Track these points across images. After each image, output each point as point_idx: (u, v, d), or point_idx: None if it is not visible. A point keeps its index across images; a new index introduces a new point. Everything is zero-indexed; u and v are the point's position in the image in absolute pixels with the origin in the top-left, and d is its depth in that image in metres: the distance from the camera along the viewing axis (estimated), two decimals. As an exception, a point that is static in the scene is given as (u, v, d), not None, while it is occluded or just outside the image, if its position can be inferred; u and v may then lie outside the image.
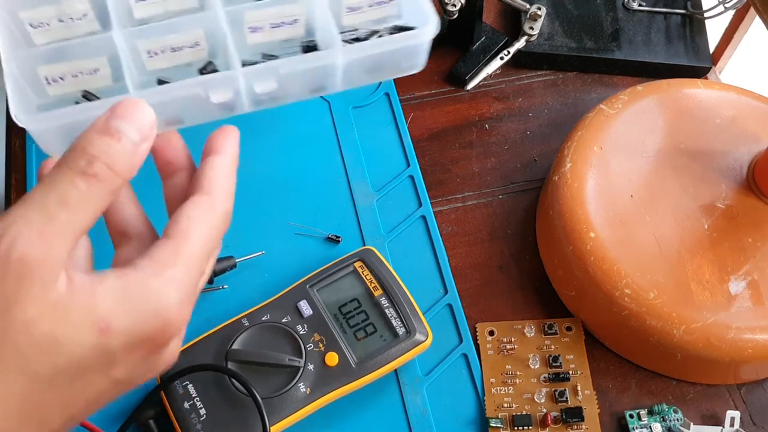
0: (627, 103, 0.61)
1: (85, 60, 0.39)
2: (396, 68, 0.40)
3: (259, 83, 0.38)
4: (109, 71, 0.39)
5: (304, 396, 0.52)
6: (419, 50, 0.39)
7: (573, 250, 0.56)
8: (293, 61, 0.37)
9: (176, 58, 0.40)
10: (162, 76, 0.40)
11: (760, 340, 0.52)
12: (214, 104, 0.38)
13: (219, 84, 0.37)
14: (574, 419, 0.54)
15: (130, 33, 0.38)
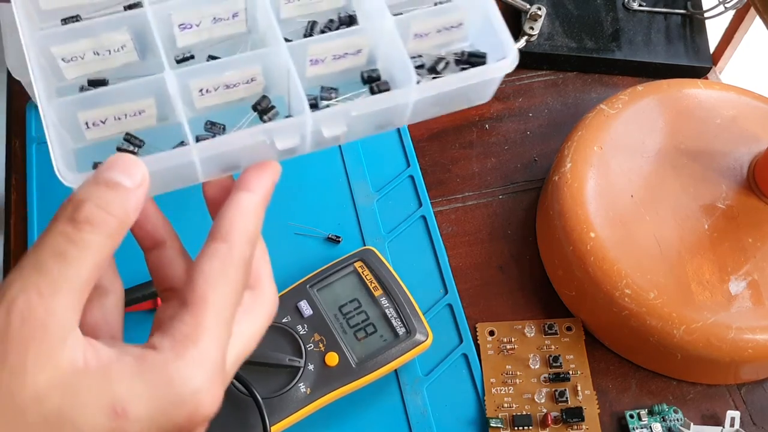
0: (627, 103, 0.61)
1: (130, 102, 0.36)
2: (465, 101, 0.38)
3: (328, 127, 0.35)
4: (155, 112, 0.37)
5: (304, 396, 0.52)
6: (493, 83, 0.37)
7: (573, 250, 0.56)
8: (366, 103, 0.35)
9: (229, 95, 0.37)
10: (212, 113, 0.37)
11: (760, 340, 0.52)
12: (276, 150, 0.35)
13: (286, 130, 0.34)
14: (575, 419, 0.54)
15: (183, 73, 0.36)
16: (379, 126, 0.37)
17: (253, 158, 0.35)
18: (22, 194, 0.63)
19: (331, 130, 0.36)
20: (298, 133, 0.35)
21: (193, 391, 0.29)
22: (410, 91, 0.35)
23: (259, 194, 0.34)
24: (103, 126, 0.36)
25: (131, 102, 0.36)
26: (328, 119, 0.35)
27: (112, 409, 0.28)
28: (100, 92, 0.35)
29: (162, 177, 0.34)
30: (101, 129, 0.36)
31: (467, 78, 0.35)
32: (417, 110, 0.37)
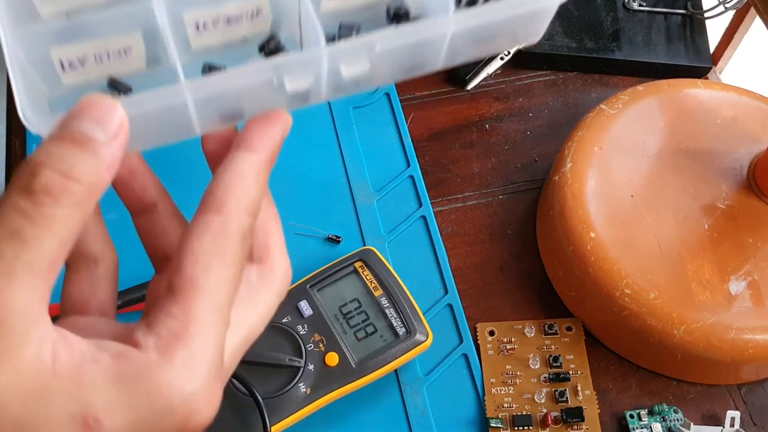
0: (627, 103, 0.61)
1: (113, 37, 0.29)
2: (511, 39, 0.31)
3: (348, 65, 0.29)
4: (143, 52, 0.30)
5: (304, 396, 0.52)
6: (546, 15, 0.30)
7: (573, 250, 0.56)
8: (393, 35, 0.28)
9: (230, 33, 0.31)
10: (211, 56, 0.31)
11: (760, 340, 0.52)
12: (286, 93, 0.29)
13: (297, 68, 0.28)
14: (575, 419, 0.54)
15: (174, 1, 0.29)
16: (408, 68, 0.31)
17: (258, 104, 0.29)
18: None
19: (351, 69, 0.29)
20: (312, 71, 0.29)
21: (185, 397, 0.25)
22: (447, 20, 0.29)
23: (263, 154, 0.28)
24: (83, 69, 0.30)
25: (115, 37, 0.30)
26: (348, 55, 0.29)
27: (83, 420, 0.23)
28: (79, 23, 0.29)
29: (149, 127, 0.28)
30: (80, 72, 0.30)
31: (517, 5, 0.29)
32: (455, 48, 0.30)
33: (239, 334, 0.28)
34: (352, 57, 0.29)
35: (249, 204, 0.27)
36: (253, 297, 0.29)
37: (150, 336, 0.25)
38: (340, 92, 0.30)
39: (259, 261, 0.30)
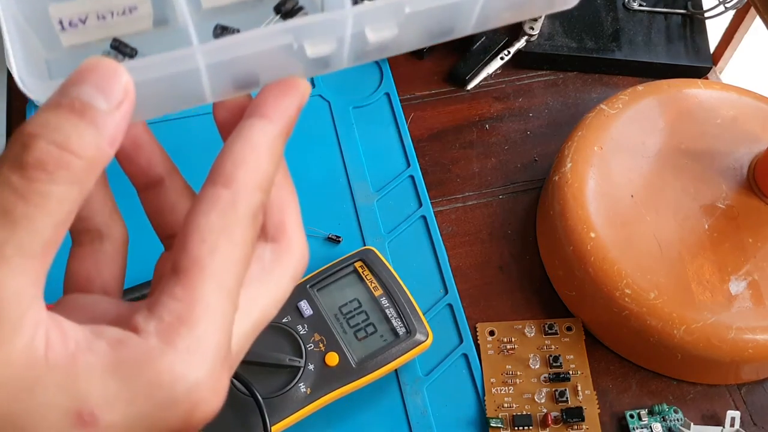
0: (627, 103, 0.61)
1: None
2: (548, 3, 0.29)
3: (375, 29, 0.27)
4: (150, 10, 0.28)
5: (304, 396, 0.52)
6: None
7: (573, 250, 0.56)
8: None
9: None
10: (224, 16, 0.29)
11: (760, 340, 0.52)
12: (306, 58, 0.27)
13: (319, 31, 0.26)
14: (575, 419, 0.54)
15: None
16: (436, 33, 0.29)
17: (275, 71, 0.27)
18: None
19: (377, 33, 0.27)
20: (335, 35, 0.27)
21: (189, 388, 0.23)
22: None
23: (278, 123, 0.26)
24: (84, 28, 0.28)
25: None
26: (375, 17, 0.27)
27: (78, 415, 0.22)
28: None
29: (157, 94, 0.26)
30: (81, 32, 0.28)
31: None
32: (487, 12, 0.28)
33: (250, 317, 0.26)
34: (379, 20, 0.27)
35: (261, 178, 0.25)
36: (266, 278, 0.27)
37: (151, 320, 0.23)
38: (363, 58, 0.28)
39: (273, 239, 0.28)
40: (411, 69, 0.71)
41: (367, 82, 0.70)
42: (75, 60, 0.25)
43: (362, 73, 0.70)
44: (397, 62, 0.71)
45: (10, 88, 0.69)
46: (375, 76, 0.70)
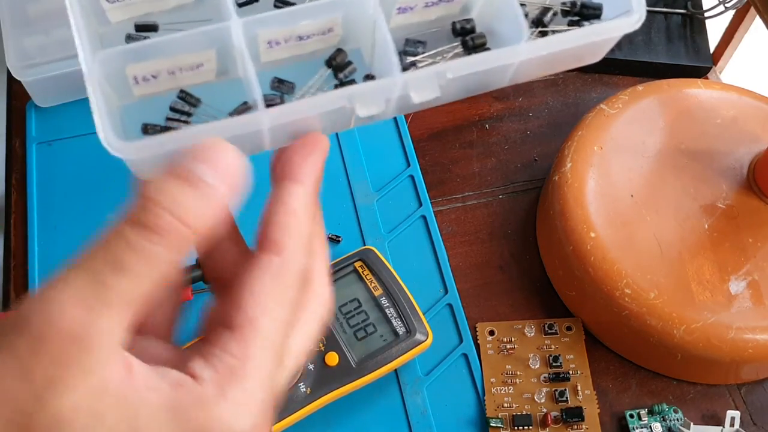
0: (627, 103, 0.61)
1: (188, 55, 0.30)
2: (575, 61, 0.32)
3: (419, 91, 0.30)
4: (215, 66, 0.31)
5: (304, 396, 0.52)
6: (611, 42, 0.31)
7: (573, 250, 0.56)
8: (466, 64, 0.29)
9: (300, 48, 0.32)
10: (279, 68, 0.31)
11: (760, 340, 0.52)
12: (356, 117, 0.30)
13: (371, 95, 0.29)
14: (575, 419, 0.54)
15: (252, 22, 0.30)
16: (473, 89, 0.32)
17: (327, 125, 0.30)
18: (22, 194, 0.63)
19: (422, 95, 0.30)
20: (384, 97, 0.29)
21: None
22: (519, 49, 0.29)
23: (309, 185, 0.29)
24: (154, 81, 0.31)
25: (189, 54, 0.30)
26: (421, 82, 0.29)
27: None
28: (155, 43, 0.30)
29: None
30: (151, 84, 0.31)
31: (586, 36, 0.29)
32: (520, 71, 0.31)
33: (287, 369, 0.29)
34: (424, 84, 0.29)
35: (304, 240, 0.28)
36: (297, 326, 0.29)
37: (207, 369, 0.26)
38: (404, 111, 0.31)
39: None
40: (411, 69, 0.71)
41: (367, 82, 0.70)
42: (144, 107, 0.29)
43: (362, 73, 0.70)
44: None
45: (11, 88, 0.69)
46: (375, 76, 0.70)
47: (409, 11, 0.32)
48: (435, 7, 0.32)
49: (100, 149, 0.46)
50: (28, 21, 0.62)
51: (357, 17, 0.31)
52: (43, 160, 0.64)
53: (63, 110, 0.66)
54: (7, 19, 0.62)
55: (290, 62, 0.32)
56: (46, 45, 0.62)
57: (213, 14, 0.30)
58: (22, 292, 0.59)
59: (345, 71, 0.31)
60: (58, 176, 0.64)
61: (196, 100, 0.31)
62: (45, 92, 0.64)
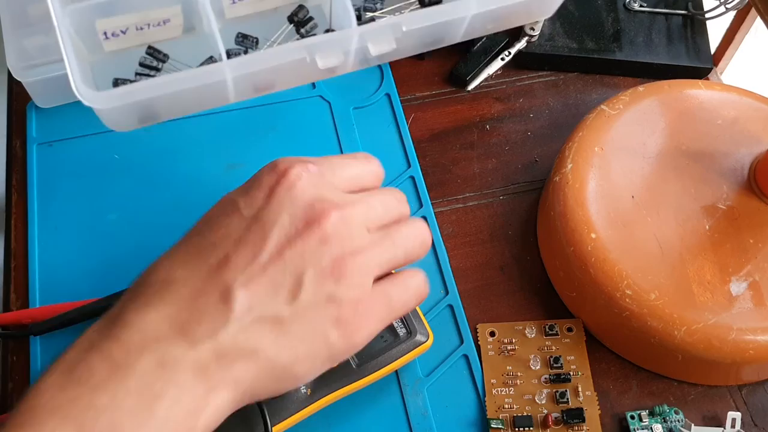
0: (628, 104, 0.61)
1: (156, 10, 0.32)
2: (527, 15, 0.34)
3: (376, 44, 0.31)
4: (181, 21, 0.33)
5: (304, 397, 0.52)
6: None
7: (574, 251, 0.56)
8: (419, 16, 0.31)
9: (262, 4, 0.33)
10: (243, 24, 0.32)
11: (761, 341, 0.52)
12: (317, 68, 0.31)
13: (329, 47, 0.30)
14: (575, 420, 0.54)
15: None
16: (429, 43, 0.33)
17: (289, 78, 0.31)
18: (22, 194, 0.63)
19: (378, 47, 0.32)
20: (342, 49, 0.31)
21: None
22: (470, 3, 0.31)
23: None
24: (123, 36, 0.32)
25: (156, 9, 0.32)
26: (377, 35, 0.31)
27: None
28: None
29: (191, 96, 0.31)
30: (121, 40, 0.32)
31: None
32: (473, 25, 0.33)
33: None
34: (380, 36, 0.31)
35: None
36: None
37: None
38: (365, 65, 0.32)
39: None
40: (411, 70, 0.71)
41: (367, 83, 0.70)
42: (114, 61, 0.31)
43: (363, 74, 0.70)
44: (398, 63, 0.71)
45: (11, 88, 0.69)
46: (375, 77, 0.70)
47: None
48: None
49: (100, 150, 0.47)
50: (28, 21, 0.62)
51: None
52: (44, 161, 0.64)
53: (63, 111, 0.66)
54: (8, 19, 0.62)
55: (254, 18, 0.33)
56: (47, 45, 0.62)
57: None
58: (22, 293, 0.59)
59: (306, 26, 0.33)
60: (59, 177, 0.64)
61: (164, 56, 0.32)
62: (45, 93, 0.64)
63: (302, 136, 0.67)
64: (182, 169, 0.64)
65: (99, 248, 0.61)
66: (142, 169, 0.63)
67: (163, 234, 0.63)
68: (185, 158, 0.64)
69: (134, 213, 0.62)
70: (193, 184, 0.63)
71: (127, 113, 0.29)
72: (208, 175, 0.64)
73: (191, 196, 0.63)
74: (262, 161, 0.66)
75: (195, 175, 0.64)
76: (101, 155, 0.64)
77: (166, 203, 0.63)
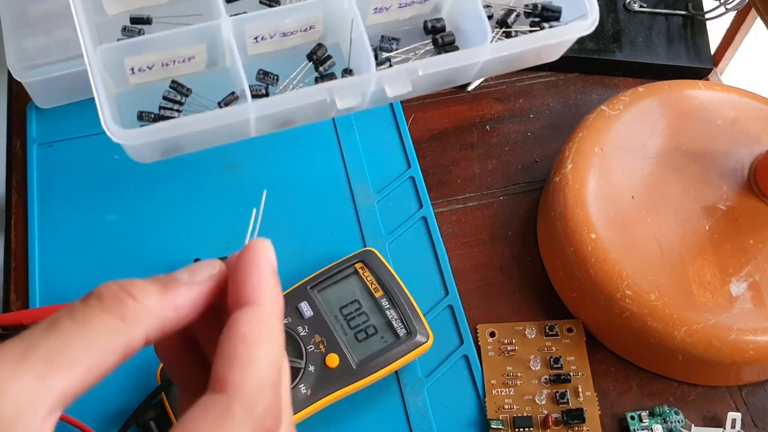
0: (628, 104, 0.61)
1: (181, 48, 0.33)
2: (534, 60, 0.35)
3: (393, 86, 0.33)
4: (205, 57, 0.34)
5: (304, 397, 0.52)
6: (568, 43, 0.34)
7: (574, 251, 0.55)
8: (435, 62, 0.32)
9: (284, 43, 0.35)
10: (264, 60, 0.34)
11: (761, 341, 0.52)
12: (335, 108, 0.33)
13: (348, 89, 0.32)
14: (575, 421, 0.54)
15: (241, 20, 0.32)
16: (441, 83, 0.35)
17: (308, 115, 0.32)
18: (22, 195, 0.63)
19: (395, 90, 0.33)
20: (360, 91, 0.32)
21: None
22: (483, 50, 0.32)
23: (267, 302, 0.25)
24: (149, 71, 0.33)
25: (182, 48, 0.33)
26: (394, 78, 0.32)
27: None
28: (152, 38, 0.32)
29: (214, 132, 0.32)
30: (146, 74, 0.33)
31: (545, 38, 0.33)
32: (485, 68, 0.35)
33: None
34: (397, 80, 0.33)
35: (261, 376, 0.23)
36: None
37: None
38: (380, 103, 0.34)
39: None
40: (411, 70, 0.71)
41: (367, 83, 0.70)
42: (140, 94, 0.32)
43: (363, 74, 0.70)
44: (398, 63, 0.71)
45: (11, 89, 0.69)
46: (375, 77, 0.70)
47: (384, 11, 0.35)
48: (409, 7, 0.35)
49: (100, 150, 0.47)
50: (28, 22, 0.62)
51: (337, 16, 0.33)
52: (44, 161, 0.64)
53: (63, 111, 0.66)
54: (8, 19, 0.62)
55: (274, 55, 0.35)
56: (47, 46, 0.62)
57: (203, 8, 0.33)
58: (23, 293, 0.59)
59: (325, 65, 0.34)
60: (59, 177, 0.64)
61: (188, 90, 0.33)
62: (45, 93, 0.64)
63: (302, 137, 0.67)
64: (182, 170, 0.64)
65: (99, 248, 0.61)
66: (141, 170, 0.63)
67: (163, 234, 0.63)
68: (185, 159, 0.64)
69: (134, 213, 0.62)
70: (193, 185, 0.64)
71: (152, 148, 0.30)
72: (208, 175, 0.64)
73: (191, 197, 0.63)
74: (263, 161, 0.66)
75: (195, 175, 0.64)
76: (101, 155, 0.64)
77: (166, 204, 0.63)
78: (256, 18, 0.32)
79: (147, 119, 0.32)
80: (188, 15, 0.33)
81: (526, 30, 0.34)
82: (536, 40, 0.32)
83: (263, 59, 0.34)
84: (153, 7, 0.34)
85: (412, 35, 0.35)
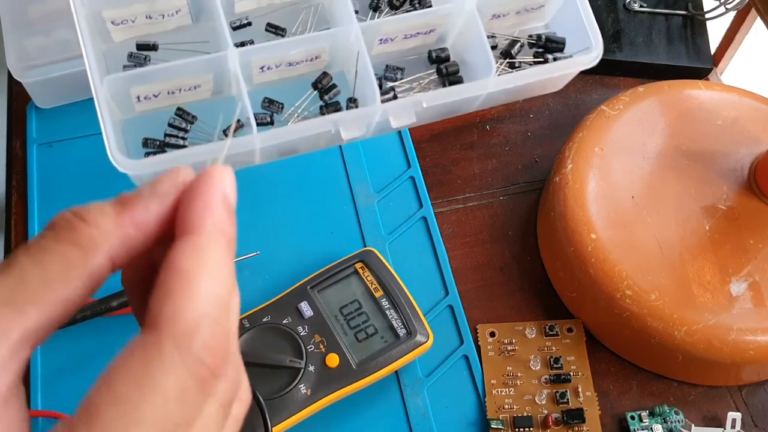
0: (628, 104, 0.61)
1: (188, 78, 0.33)
2: (538, 90, 0.36)
3: (397, 118, 0.33)
4: (211, 86, 0.34)
5: (304, 397, 0.52)
6: (570, 76, 0.35)
7: (574, 251, 0.55)
8: (439, 95, 0.33)
9: (289, 72, 0.35)
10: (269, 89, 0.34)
11: (761, 341, 0.52)
12: (340, 138, 0.33)
13: (354, 121, 0.32)
14: (575, 421, 0.54)
15: (247, 51, 0.33)
16: (444, 114, 0.36)
17: (312, 145, 0.32)
18: (22, 195, 0.63)
19: (399, 121, 0.33)
20: (365, 123, 0.32)
21: None
22: (487, 83, 0.33)
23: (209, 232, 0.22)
24: (155, 99, 0.33)
25: (189, 78, 0.33)
26: (399, 110, 0.33)
27: None
28: (159, 69, 0.32)
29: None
30: (152, 102, 0.33)
31: (549, 71, 0.33)
32: (488, 100, 0.35)
33: None
34: (401, 111, 0.33)
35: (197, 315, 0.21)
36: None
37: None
38: (383, 132, 0.34)
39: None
40: (411, 70, 0.71)
41: (367, 83, 0.70)
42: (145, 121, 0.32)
43: (363, 74, 0.70)
44: (398, 63, 0.71)
45: (11, 89, 0.69)
46: (375, 77, 0.70)
47: (389, 41, 0.35)
48: (414, 38, 0.35)
49: (100, 151, 0.47)
50: (28, 22, 0.62)
51: (342, 47, 0.34)
52: (44, 161, 0.64)
53: (63, 111, 0.66)
54: (8, 20, 0.62)
55: (279, 83, 0.35)
56: (47, 46, 0.62)
57: (209, 36, 0.33)
58: (23, 293, 0.59)
59: (329, 93, 0.34)
60: (59, 177, 0.64)
61: (193, 117, 0.33)
62: (45, 93, 0.64)
63: (302, 137, 0.67)
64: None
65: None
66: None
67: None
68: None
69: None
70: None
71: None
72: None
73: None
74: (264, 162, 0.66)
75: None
76: (101, 155, 0.63)
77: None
78: (263, 49, 0.33)
79: (152, 146, 0.32)
80: (194, 42, 0.33)
81: (530, 61, 0.34)
82: (540, 73, 0.33)
83: (268, 87, 0.35)
84: (159, 33, 0.34)
85: (417, 64, 0.36)
